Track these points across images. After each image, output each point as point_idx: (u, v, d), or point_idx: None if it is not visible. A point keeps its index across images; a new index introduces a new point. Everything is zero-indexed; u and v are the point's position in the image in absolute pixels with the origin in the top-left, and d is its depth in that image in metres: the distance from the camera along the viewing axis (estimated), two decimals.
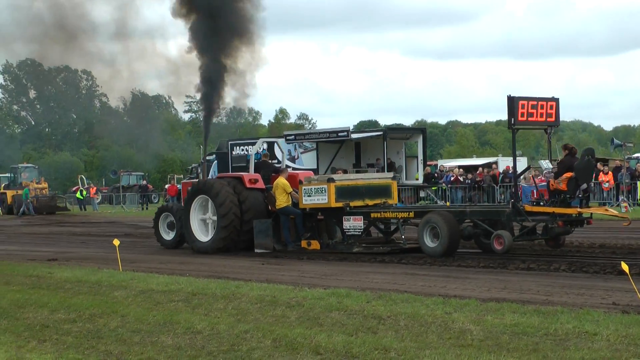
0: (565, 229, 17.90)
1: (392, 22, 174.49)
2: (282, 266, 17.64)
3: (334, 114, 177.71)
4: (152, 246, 23.48)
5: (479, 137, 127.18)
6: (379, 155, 39.79)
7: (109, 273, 16.38)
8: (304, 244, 20.60)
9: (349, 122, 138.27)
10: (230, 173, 24.00)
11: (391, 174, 23.64)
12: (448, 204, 38.51)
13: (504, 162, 49.14)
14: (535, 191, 36.35)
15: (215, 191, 21.17)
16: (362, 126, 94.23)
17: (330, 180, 20.14)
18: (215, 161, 48.08)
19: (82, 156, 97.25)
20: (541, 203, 18.65)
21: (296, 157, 43.63)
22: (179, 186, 51.13)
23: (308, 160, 42.84)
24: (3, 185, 61.54)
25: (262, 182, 21.69)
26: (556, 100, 18.73)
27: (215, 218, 21.32)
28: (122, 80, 32.21)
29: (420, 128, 48.49)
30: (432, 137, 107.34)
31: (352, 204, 20.16)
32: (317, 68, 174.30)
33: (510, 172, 42.07)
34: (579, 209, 18.04)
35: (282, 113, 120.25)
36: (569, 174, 17.77)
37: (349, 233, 20.09)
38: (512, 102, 17.85)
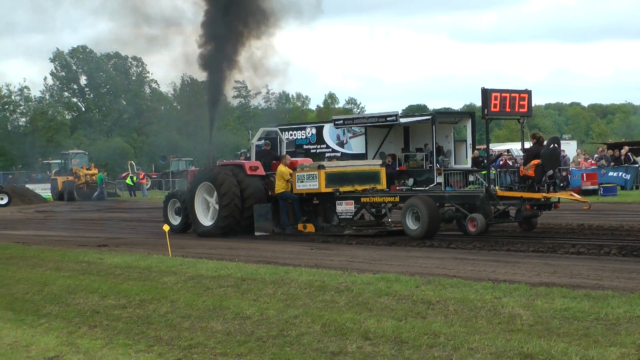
0: (534, 212, 19.16)
1: (438, 5, 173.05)
2: (331, 251, 17.62)
3: (382, 99, 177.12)
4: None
5: (527, 120, 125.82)
6: (428, 140, 39.56)
7: (158, 259, 16.50)
8: (300, 227, 21.85)
9: (398, 107, 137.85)
10: (232, 161, 25.48)
11: (379, 161, 24.93)
12: (497, 188, 38.22)
13: None
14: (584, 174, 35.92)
15: (219, 180, 22.40)
16: (410, 110, 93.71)
17: (321, 167, 21.66)
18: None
19: (132, 142, 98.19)
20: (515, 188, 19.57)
21: (345, 141, 43.56)
22: None
23: (357, 145, 42.75)
24: (54, 171, 62.40)
25: (262, 170, 22.91)
26: (529, 92, 20.16)
27: (217, 204, 22.50)
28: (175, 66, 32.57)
29: (469, 112, 48.02)
30: (480, 121, 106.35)
31: (341, 189, 21.47)
32: (364, 52, 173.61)
33: (560, 155, 41.56)
34: (544, 194, 18.90)
35: (331, 98, 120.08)
36: (536, 161, 19.03)
37: (341, 216, 21.36)
38: (486, 94, 18.91)
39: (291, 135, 46.72)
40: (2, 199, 51.68)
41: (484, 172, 40.55)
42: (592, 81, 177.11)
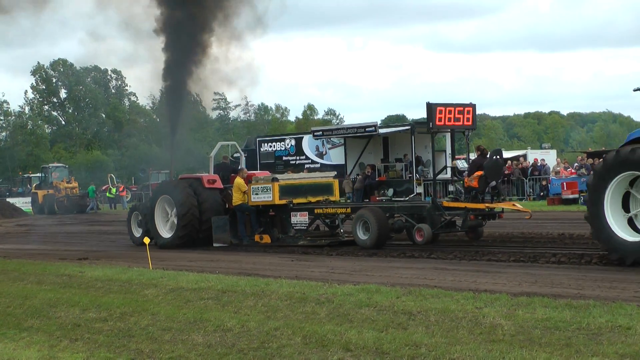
0: (478, 222, 19.72)
1: (415, 16, 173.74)
2: (311, 262, 17.63)
3: (361, 109, 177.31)
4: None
5: (507, 130, 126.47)
6: (407, 150, 39.64)
7: (139, 271, 16.44)
8: (257, 238, 22.36)
9: (376, 117, 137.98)
10: (191, 174, 25.87)
11: (333, 173, 25.38)
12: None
13: (532, 155, 48.80)
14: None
15: (176, 192, 23.16)
16: (389, 121, 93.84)
17: (275, 179, 22.27)
18: (244, 158, 48.18)
19: (112, 155, 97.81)
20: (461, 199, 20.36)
21: (324, 152, 43.62)
22: None
23: (336, 155, 42.80)
24: (34, 185, 62.10)
25: (220, 182, 23.55)
26: (473, 105, 20.88)
27: (176, 216, 23.09)
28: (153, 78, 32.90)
29: None
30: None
31: (295, 201, 22.09)
32: (342, 63, 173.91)
33: (539, 164, 41.81)
34: (487, 205, 19.39)
35: (310, 109, 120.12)
36: (479, 173, 19.51)
37: (296, 227, 21.96)
38: (430, 108, 19.66)
39: (270, 146, 46.76)
40: None
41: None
42: (571, 90, 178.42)
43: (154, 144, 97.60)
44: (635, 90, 36.64)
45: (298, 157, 45.18)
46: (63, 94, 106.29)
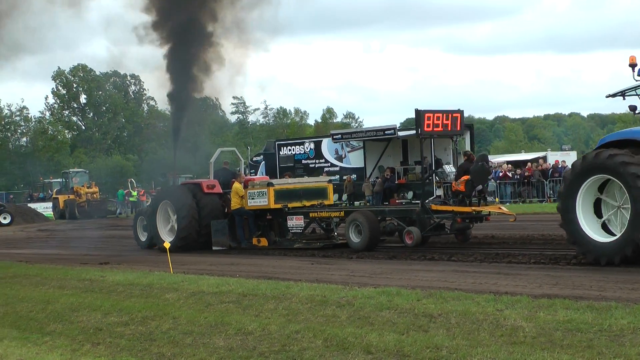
0: (465, 225, 20.29)
1: (431, 19, 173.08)
2: (331, 265, 17.64)
3: (379, 112, 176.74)
4: (203, 248, 23.66)
5: (527, 131, 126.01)
6: (426, 153, 39.60)
7: (160, 276, 16.52)
8: (254, 241, 23.02)
9: (395, 120, 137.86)
10: (191, 180, 26.83)
11: (327, 178, 26.30)
12: (497, 200, 38.28)
13: (553, 157, 48.61)
14: None
15: (176, 197, 23.95)
16: (408, 124, 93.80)
17: (270, 184, 22.88)
18: (263, 162, 48.27)
19: (132, 160, 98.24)
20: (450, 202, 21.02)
21: (343, 156, 43.58)
22: None
23: (355, 159, 42.77)
24: (55, 190, 62.45)
25: (220, 187, 24.15)
26: (461, 112, 21.40)
27: (176, 221, 23.82)
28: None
29: (467, 124, 48.06)
30: (479, 133, 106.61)
31: (290, 205, 22.67)
32: (360, 67, 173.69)
33: (560, 166, 41.63)
34: (474, 208, 20.00)
35: (329, 112, 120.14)
36: (466, 177, 20.13)
37: (292, 231, 22.52)
38: (419, 114, 20.40)
39: (290, 150, 46.77)
40: (5, 218, 51.77)
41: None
42: (590, 91, 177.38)
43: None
44: (607, 97, 37.26)
45: (317, 161, 45.19)
46: (83, 99, 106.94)
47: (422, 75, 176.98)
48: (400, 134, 40.56)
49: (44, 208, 60.22)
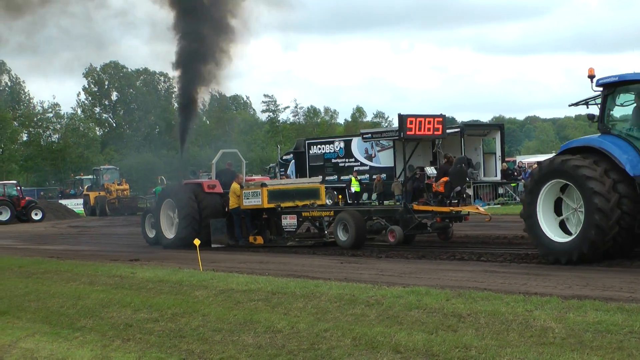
0: (445, 224, 21.12)
1: (461, 18, 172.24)
2: (360, 265, 17.64)
3: (408, 112, 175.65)
4: (232, 246, 24.02)
5: (558, 132, 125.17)
6: (457, 152, 39.50)
7: (189, 273, 16.61)
8: (251, 239, 23.93)
9: None
10: (194, 180, 27.36)
11: (319, 179, 26.85)
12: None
13: None
14: None
15: (178, 196, 24.90)
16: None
17: (264, 185, 23.80)
18: (293, 160, 48.35)
19: (162, 157, 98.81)
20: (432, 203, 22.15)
21: (373, 155, 43.57)
22: None
23: (385, 158, 42.74)
24: (86, 187, 62.94)
25: (220, 187, 25.02)
26: (442, 116, 23.30)
27: (177, 218, 24.80)
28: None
29: (498, 124, 47.89)
30: (510, 133, 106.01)
31: (283, 205, 23.55)
32: (388, 66, 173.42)
33: None
34: (453, 208, 21.12)
35: (359, 111, 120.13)
36: (445, 179, 21.42)
37: (286, 229, 23.43)
38: (402, 119, 21.83)
39: (319, 149, 46.81)
40: (36, 214, 52.35)
41: (513, 184, 40.44)
42: None
43: (206, 146, 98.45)
44: (570, 105, 37.85)
45: (347, 160, 45.22)
46: (114, 96, 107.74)
47: (451, 75, 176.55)
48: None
49: (75, 204, 60.75)
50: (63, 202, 61.45)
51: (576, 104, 16.83)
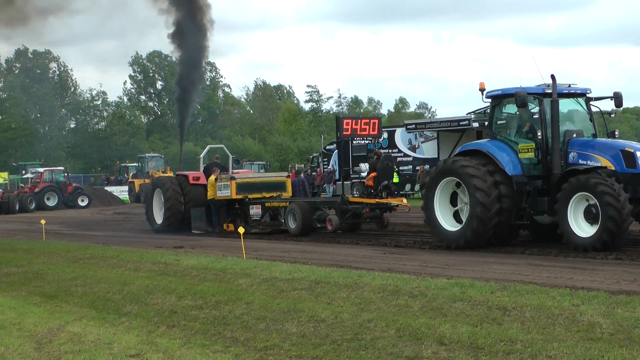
0: (376, 214, 23.73)
1: (502, 10, 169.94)
2: (403, 255, 17.59)
3: (451, 103, 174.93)
4: (275, 234, 24.38)
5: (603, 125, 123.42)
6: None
7: (233, 261, 16.68)
8: (225, 226, 26.42)
9: (467, 111, 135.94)
10: (182, 172, 29.89)
11: (286, 173, 30.52)
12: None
13: None
14: None
15: (165, 187, 27.63)
16: (479, 116, 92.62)
17: (232, 178, 26.23)
18: (336, 151, 48.26)
19: (206, 145, 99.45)
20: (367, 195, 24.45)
21: (417, 146, 43.37)
22: (301, 175, 51.72)
23: (429, 149, 42.50)
24: (131, 174, 63.49)
25: (205, 179, 27.31)
26: (379, 118, 25.32)
27: (164, 207, 27.62)
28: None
29: None
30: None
31: (250, 196, 26.09)
32: (430, 57, 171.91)
33: None
34: (379, 200, 23.58)
35: (402, 102, 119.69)
36: (373, 174, 23.81)
37: (253, 218, 26.00)
38: (338, 120, 24.06)
39: (362, 140, 46.65)
40: (82, 200, 53.02)
41: None
42: None
43: (247, 135, 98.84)
44: (469, 113, 39.93)
45: (390, 150, 45.03)
46: (159, 85, 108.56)
47: (493, 67, 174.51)
48: (475, 125, 40.14)
49: (120, 191, 61.27)
50: (108, 188, 62.05)
51: (474, 112, 20.71)
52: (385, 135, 45.77)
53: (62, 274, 16.03)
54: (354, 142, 46.69)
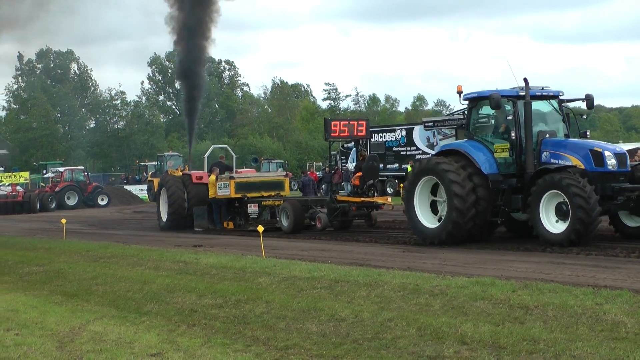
0: (363, 212, 24.81)
1: (519, 6, 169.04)
2: (423, 254, 17.51)
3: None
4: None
5: (623, 121, 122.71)
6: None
7: (252, 259, 16.67)
8: (225, 224, 27.37)
9: None
10: (188, 171, 30.19)
11: (284, 173, 31.14)
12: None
13: None
14: None
15: (168, 185, 28.72)
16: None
17: (232, 177, 26.98)
18: (354, 149, 48.20)
19: (224, 144, 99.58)
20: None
21: (435, 143, 43.24)
22: (318, 173, 51.66)
23: None
24: (150, 173, 63.68)
25: (207, 178, 28.01)
26: (366, 120, 26.22)
27: (167, 205, 28.66)
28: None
29: None
30: (573, 122, 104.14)
31: (249, 195, 26.85)
32: (446, 54, 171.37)
33: None
34: (364, 199, 24.21)
35: (420, 100, 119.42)
36: (359, 174, 24.55)
37: (251, 216, 26.78)
38: (326, 122, 24.99)
39: (381, 137, 46.60)
40: (102, 199, 53.25)
41: None
42: None
43: (266, 134, 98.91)
44: (448, 114, 40.35)
45: (409, 148, 44.98)
46: (177, 84, 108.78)
47: (511, 64, 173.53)
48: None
49: (139, 190, 61.49)
50: (128, 187, 62.27)
51: (452, 114, 21.12)
52: (403, 132, 45.68)
53: (83, 273, 16.09)
54: (372, 139, 46.79)
